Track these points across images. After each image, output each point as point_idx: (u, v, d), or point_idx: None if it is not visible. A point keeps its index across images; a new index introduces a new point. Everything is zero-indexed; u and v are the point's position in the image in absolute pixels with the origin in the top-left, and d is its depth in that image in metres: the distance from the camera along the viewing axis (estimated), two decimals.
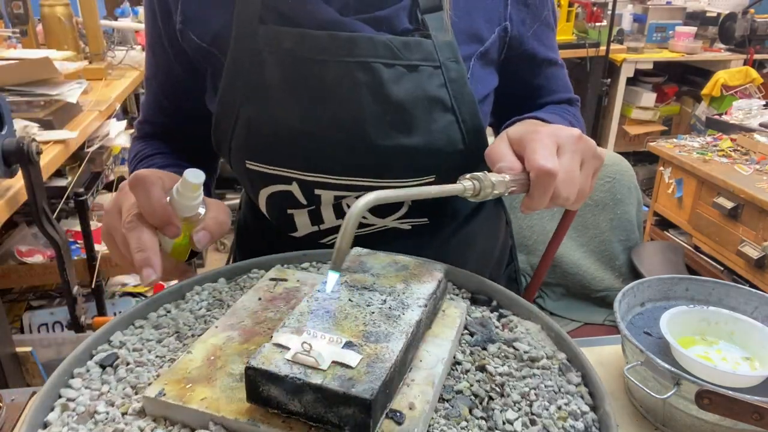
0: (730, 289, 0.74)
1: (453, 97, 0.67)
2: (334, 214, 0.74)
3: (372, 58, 0.64)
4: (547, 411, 0.48)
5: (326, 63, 0.64)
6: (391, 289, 0.53)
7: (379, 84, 0.64)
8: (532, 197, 0.57)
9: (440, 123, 0.67)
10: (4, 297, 2.01)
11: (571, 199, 0.58)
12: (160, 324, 0.57)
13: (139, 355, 0.52)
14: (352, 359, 0.42)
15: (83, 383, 0.49)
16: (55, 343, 2.00)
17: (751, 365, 0.66)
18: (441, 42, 0.66)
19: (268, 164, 0.70)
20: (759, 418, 0.52)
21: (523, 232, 1.69)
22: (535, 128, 0.59)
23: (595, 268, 1.63)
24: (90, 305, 2.00)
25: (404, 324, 0.47)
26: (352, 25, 0.65)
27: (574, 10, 3.43)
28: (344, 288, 0.52)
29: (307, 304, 0.49)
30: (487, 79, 0.73)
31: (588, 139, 0.60)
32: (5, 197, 1.17)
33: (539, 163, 0.55)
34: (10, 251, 1.95)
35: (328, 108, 0.66)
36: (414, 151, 0.67)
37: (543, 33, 0.77)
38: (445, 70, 0.66)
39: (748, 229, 1.98)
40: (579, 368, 0.53)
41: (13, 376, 1.64)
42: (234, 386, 0.45)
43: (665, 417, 0.64)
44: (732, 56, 3.47)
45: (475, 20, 0.70)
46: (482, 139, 0.71)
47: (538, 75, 0.80)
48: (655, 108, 3.62)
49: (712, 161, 2.17)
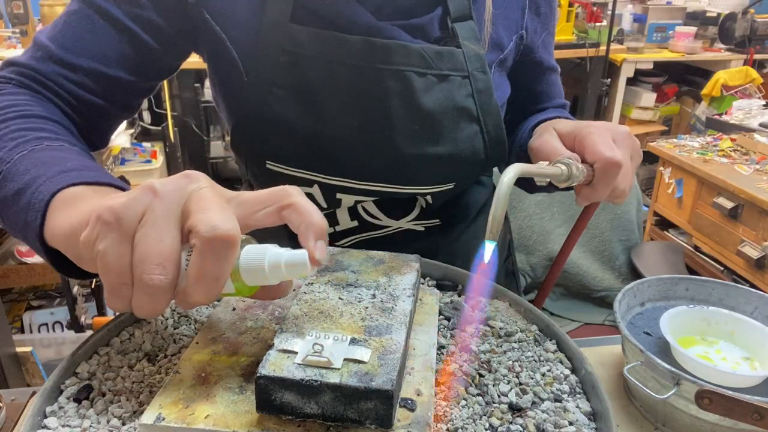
0: (730, 289, 0.74)
1: (479, 108, 0.68)
2: (349, 217, 0.74)
3: (405, 67, 0.64)
4: (533, 379, 0.51)
5: (360, 69, 0.63)
6: (375, 283, 0.53)
7: (411, 93, 0.64)
8: (596, 188, 0.58)
9: (466, 133, 0.68)
10: (4, 297, 2.01)
11: (626, 192, 0.60)
12: (126, 349, 0.54)
13: (113, 384, 0.49)
14: (363, 354, 0.43)
15: (60, 422, 0.45)
16: (55, 343, 2.01)
17: (751, 365, 0.66)
18: (470, 52, 0.66)
19: (292, 166, 0.69)
20: (759, 418, 0.52)
21: (523, 232, 1.69)
22: (588, 123, 0.61)
23: (595, 268, 1.63)
24: (90, 305, 2.00)
25: (400, 314, 0.48)
26: (390, 30, 0.64)
27: (574, 10, 3.43)
28: (329, 287, 0.52)
29: (298, 307, 0.49)
30: (503, 86, 0.74)
31: (634, 136, 0.62)
32: None
33: (606, 154, 0.56)
34: (10, 251, 1.95)
35: (358, 114, 0.65)
36: (438, 160, 0.67)
37: (549, 41, 0.79)
38: (473, 80, 0.67)
39: (748, 229, 1.98)
40: (552, 336, 0.57)
41: (13, 376, 1.64)
42: (236, 399, 0.45)
43: (665, 417, 0.64)
44: (732, 56, 3.46)
45: (498, 29, 0.71)
46: (503, 149, 0.71)
47: (541, 81, 0.82)
48: (655, 108, 3.62)
49: (712, 161, 2.17)
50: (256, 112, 0.66)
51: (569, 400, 0.49)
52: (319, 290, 0.52)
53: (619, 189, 0.59)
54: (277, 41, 0.64)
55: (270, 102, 0.65)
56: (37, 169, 0.49)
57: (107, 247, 0.38)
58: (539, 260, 1.68)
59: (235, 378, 0.47)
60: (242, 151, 0.72)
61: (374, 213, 0.74)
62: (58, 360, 1.97)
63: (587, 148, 0.58)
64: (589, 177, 0.59)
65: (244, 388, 0.46)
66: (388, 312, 0.49)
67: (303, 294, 0.51)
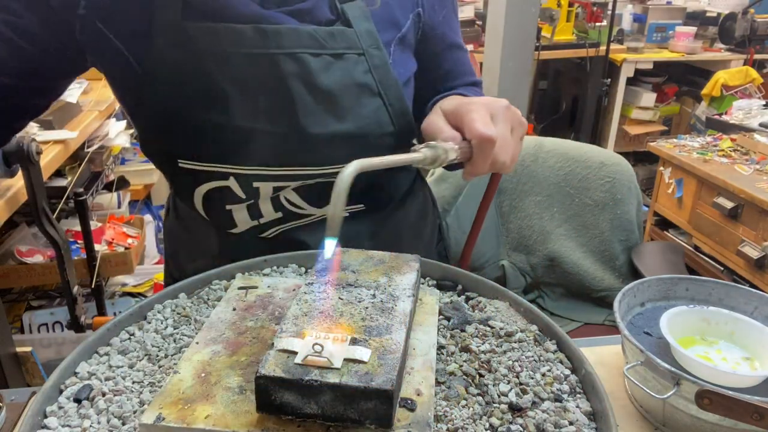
0: (730, 289, 0.74)
1: (378, 83, 0.70)
2: (272, 207, 0.75)
3: (299, 49, 0.65)
4: (533, 379, 0.51)
5: (255, 56, 0.65)
6: (375, 283, 0.53)
7: (308, 74, 0.66)
8: (475, 163, 0.62)
9: (369, 108, 0.70)
10: (4, 297, 2.01)
11: (507, 163, 0.63)
12: (127, 348, 0.54)
13: (114, 384, 0.49)
14: (363, 354, 0.43)
15: (60, 422, 0.46)
16: (55, 343, 2.01)
17: (751, 365, 0.66)
18: (362, 30, 0.69)
19: (204, 162, 0.70)
20: (759, 418, 0.52)
21: (523, 232, 1.69)
22: (469, 100, 0.64)
23: (595, 268, 1.63)
24: (90, 305, 2.00)
25: (400, 315, 0.48)
26: (276, 17, 0.66)
27: (574, 10, 3.43)
28: (329, 287, 0.52)
29: (298, 307, 0.49)
30: (407, 63, 0.77)
31: (514, 108, 0.66)
32: (5, 197, 1.17)
33: (480, 130, 0.60)
34: (10, 251, 1.95)
35: (261, 101, 0.66)
36: (347, 137, 0.70)
37: (451, 19, 0.81)
38: (368, 56, 0.69)
39: (748, 229, 1.98)
40: (552, 336, 0.57)
41: (13, 376, 1.64)
42: (236, 399, 0.45)
43: (665, 417, 0.64)
44: (732, 56, 3.46)
45: (392, 7, 0.73)
46: (409, 121, 0.74)
47: (447, 59, 0.84)
48: (655, 108, 3.62)
49: (712, 161, 2.17)
50: (161, 115, 0.67)
51: (569, 399, 0.49)
52: (319, 290, 0.52)
53: (499, 162, 0.62)
54: (171, 40, 0.65)
55: (172, 102, 0.67)
56: None
57: None
58: (539, 260, 1.68)
59: (235, 378, 0.47)
60: (154, 154, 0.73)
61: (297, 202, 0.75)
62: (58, 360, 1.97)
63: (465, 126, 0.61)
64: (468, 153, 0.61)
65: (243, 388, 0.46)
66: (388, 312, 0.49)
67: (303, 294, 0.51)
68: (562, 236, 1.64)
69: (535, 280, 1.70)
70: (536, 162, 1.65)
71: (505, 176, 1.67)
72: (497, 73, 2.61)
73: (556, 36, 3.35)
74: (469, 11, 3.24)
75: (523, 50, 2.59)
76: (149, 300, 0.61)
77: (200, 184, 0.72)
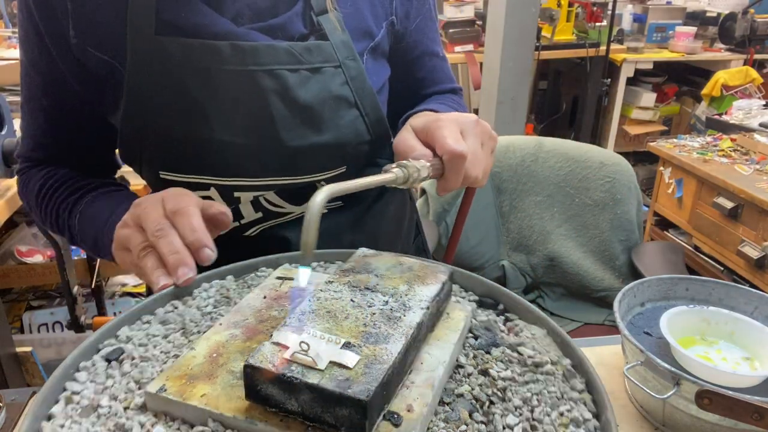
0: (730, 289, 0.74)
1: (355, 93, 0.71)
2: (252, 209, 0.76)
3: (277, 66, 0.67)
4: (549, 417, 0.47)
5: (234, 73, 0.66)
6: (393, 290, 0.52)
7: (287, 90, 0.67)
8: (447, 179, 0.63)
9: (347, 118, 0.71)
10: (4, 297, 2.02)
11: (479, 178, 0.64)
12: (167, 320, 0.57)
13: (144, 351, 0.52)
14: (350, 360, 0.42)
15: (88, 377, 0.49)
16: (55, 343, 2.01)
17: (751, 365, 0.66)
18: (338, 42, 0.70)
19: (184, 173, 0.71)
20: (759, 418, 0.52)
21: (523, 232, 1.69)
22: (437, 116, 0.65)
23: (595, 268, 1.63)
24: (90, 305, 2.00)
25: (405, 326, 0.47)
26: (248, 35, 0.67)
27: (574, 10, 3.43)
28: (347, 288, 0.52)
29: (308, 303, 0.49)
30: (380, 71, 0.77)
31: (483, 122, 0.67)
32: (5, 197, 1.17)
33: (451, 147, 0.60)
34: (10, 251, 1.96)
35: (240, 116, 0.67)
36: (325, 147, 0.71)
37: (426, 26, 0.81)
38: (345, 68, 0.70)
39: (748, 229, 1.98)
40: (583, 374, 0.52)
41: (13, 376, 1.64)
42: (234, 383, 0.45)
43: (665, 417, 0.64)
44: (732, 56, 3.47)
45: (365, 17, 0.74)
46: (385, 128, 0.75)
47: (422, 67, 0.84)
48: (655, 108, 3.62)
49: (712, 161, 2.17)
50: (140, 127, 0.68)
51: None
52: (335, 289, 0.51)
53: (471, 176, 0.63)
54: (148, 56, 0.65)
55: (152, 115, 0.67)
56: (93, 228, 0.71)
57: None
58: (539, 260, 1.68)
59: (240, 363, 0.47)
60: (134, 163, 0.74)
61: (277, 202, 0.76)
62: (58, 360, 1.97)
63: (436, 143, 0.62)
64: (441, 169, 0.62)
65: None
66: (394, 321, 0.48)
67: (319, 291, 0.51)
68: (562, 236, 1.64)
69: (535, 280, 1.70)
70: (536, 162, 1.65)
71: (506, 176, 1.67)
72: (497, 73, 2.61)
73: (556, 36, 3.35)
74: (469, 11, 3.24)
75: (523, 50, 2.59)
76: (199, 278, 0.62)
77: None
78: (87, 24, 0.67)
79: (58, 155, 0.79)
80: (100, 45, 0.67)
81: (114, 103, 0.70)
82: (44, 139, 0.78)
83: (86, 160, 0.80)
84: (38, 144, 0.79)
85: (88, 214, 0.73)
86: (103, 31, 0.67)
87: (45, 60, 0.71)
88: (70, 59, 0.69)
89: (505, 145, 1.68)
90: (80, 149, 0.79)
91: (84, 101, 0.73)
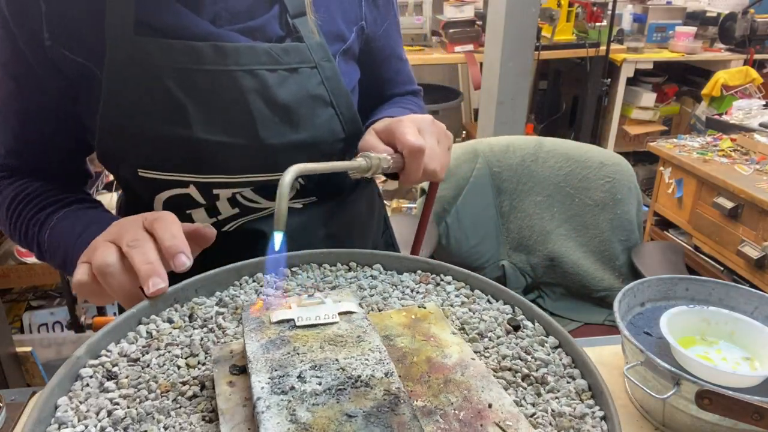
0: (730, 289, 0.74)
1: (331, 93, 0.75)
2: (229, 205, 0.78)
3: (257, 66, 0.69)
4: (551, 417, 0.46)
5: (214, 73, 0.68)
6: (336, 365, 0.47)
7: (266, 89, 0.70)
8: (408, 172, 0.69)
9: (323, 117, 0.75)
10: (4, 297, 2.02)
11: (437, 171, 0.70)
12: (227, 304, 0.60)
13: (171, 339, 0.56)
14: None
15: (130, 348, 0.53)
16: (55, 343, 2.01)
17: (751, 365, 0.66)
18: (314, 44, 0.73)
19: (165, 171, 0.72)
20: (759, 418, 0.52)
21: (523, 232, 1.69)
22: (398, 118, 0.71)
23: (595, 268, 1.63)
24: (90, 305, 2.00)
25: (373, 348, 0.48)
26: (228, 36, 0.69)
27: (574, 10, 3.43)
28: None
29: (290, 333, 0.50)
30: (351, 72, 0.81)
31: (438, 122, 0.74)
32: None
33: (411, 142, 0.67)
34: (10, 251, 1.96)
35: (220, 114, 0.69)
36: (303, 145, 0.74)
37: (392, 31, 0.87)
38: (320, 69, 0.74)
39: (748, 229, 1.98)
40: (586, 375, 0.50)
41: (13, 376, 1.64)
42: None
43: (665, 417, 0.64)
44: (732, 56, 3.46)
45: (337, 22, 0.78)
46: (358, 127, 0.79)
47: (387, 69, 0.90)
48: (655, 108, 3.62)
49: (712, 161, 2.17)
50: (119, 126, 0.69)
51: None
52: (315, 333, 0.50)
53: (429, 170, 0.69)
54: (126, 55, 0.66)
55: (131, 115, 0.68)
56: (63, 244, 0.70)
57: None
58: (539, 260, 1.68)
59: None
60: (110, 162, 0.75)
61: (253, 198, 0.78)
62: (57, 360, 1.97)
63: (397, 139, 0.68)
64: (401, 164, 0.69)
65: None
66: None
67: (309, 328, 0.50)
68: (562, 236, 1.64)
69: (535, 280, 1.70)
70: (536, 162, 1.65)
71: (505, 176, 1.67)
72: (497, 73, 2.60)
73: (556, 36, 3.35)
74: (469, 11, 3.24)
75: (523, 50, 2.59)
76: (170, 291, 0.59)
77: (160, 191, 0.75)
78: (61, 26, 0.67)
79: (32, 162, 0.78)
80: (75, 47, 0.68)
81: (89, 104, 0.70)
82: (17, 145, 0.77)
83: (59, 167, 0.80)
84: (10, 151, 0.78)
85: (58, 229, 0.72)
86: (78, 33, 0.67)
87: (18, 63, 0.70)
88: (45, 61, 0.69)
89: (505, 145, 1.68)
90: (53, 153, 0.78)
91: (58, 104, 0.73)
